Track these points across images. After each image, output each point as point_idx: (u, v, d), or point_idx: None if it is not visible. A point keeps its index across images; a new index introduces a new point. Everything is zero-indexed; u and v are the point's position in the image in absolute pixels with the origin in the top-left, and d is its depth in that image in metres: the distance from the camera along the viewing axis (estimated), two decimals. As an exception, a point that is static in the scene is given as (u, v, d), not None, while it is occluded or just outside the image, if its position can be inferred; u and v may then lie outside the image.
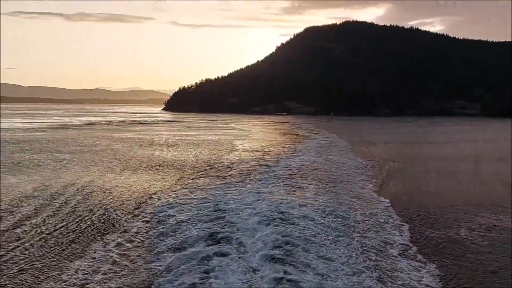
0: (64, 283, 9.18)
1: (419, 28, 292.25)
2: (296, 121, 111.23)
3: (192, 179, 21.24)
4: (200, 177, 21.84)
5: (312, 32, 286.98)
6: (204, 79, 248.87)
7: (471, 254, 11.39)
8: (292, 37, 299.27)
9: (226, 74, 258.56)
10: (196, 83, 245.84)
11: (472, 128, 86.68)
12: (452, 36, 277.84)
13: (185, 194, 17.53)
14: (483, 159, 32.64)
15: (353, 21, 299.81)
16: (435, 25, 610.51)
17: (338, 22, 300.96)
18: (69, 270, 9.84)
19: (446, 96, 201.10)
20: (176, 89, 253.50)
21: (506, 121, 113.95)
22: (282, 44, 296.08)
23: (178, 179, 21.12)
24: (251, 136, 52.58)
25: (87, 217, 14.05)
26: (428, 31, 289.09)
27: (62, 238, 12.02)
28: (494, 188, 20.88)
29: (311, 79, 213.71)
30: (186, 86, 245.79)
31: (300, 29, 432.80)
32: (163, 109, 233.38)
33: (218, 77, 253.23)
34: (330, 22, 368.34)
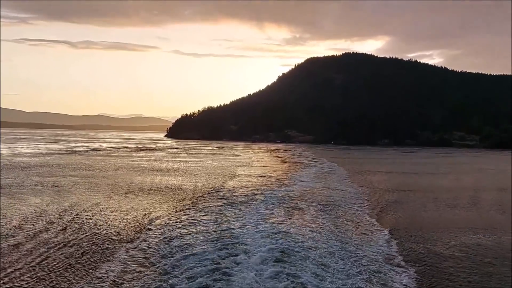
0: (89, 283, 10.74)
1: (418, 60, 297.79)
2: (297, 149, 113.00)
3: (197, 201, 22.76)
4: (204, 199, 23.38)
5: (313, 63, 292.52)
6: (206, 107, 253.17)
7: (449, 265, 13.09)
8: (293, 67, 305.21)
9: (228, 102, 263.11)
10: (199, 110, 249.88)
11: (474, 159, 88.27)
12: (450, 69, 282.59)
13: (190, 214, 19.05)
14: (480, 189, 34.07)
15: (353, 52, 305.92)
16: (434, 58, 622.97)
17: (339, 53, 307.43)
18: (93, 271, 11.38)
19: (445, 127, 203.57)
20: (178, 116, 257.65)
21: (505, 153, 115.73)
22: (284, 74, 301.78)
23: (183, 201, 22.62)
24: (252, 163, 54.19)
25: (103, 231, 15.59)
26: (427, 64, 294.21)
27: (84, 248, 13.58)
28: (485, 215, 22.33)
29: (311, 108, 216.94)
30: (189, 113, 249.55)
31: (301, 59, 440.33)
32: (165, 136, 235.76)
33: (220, 105, 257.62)
34: (330, 53, 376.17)
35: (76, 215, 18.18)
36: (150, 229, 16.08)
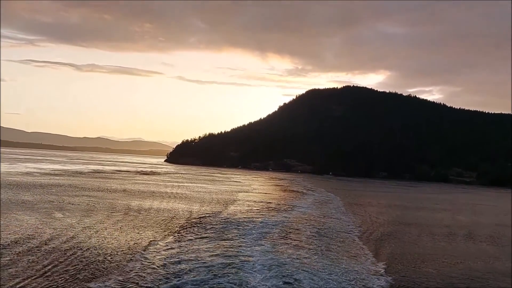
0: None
1: (417, 95, 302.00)
2: (295, 178, 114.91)
3: (199, 221, 24.89)
4: (207, 220, 25.54)
5: (313, 94, 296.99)
6: (207, 133, 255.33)
7: (422, 276, 15.56)
8: (294, 97, 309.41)
9: (229, 130, 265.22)
10: (199, 136, 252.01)
11: (472, 196, 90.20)
12: (449, 106, 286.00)
13: (194, 232, 21.23)
14: (476, 223, 36.12)
15: (353, 86, 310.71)
16: (433, 94, 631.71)
17: (339, 85, 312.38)
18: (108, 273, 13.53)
19: (443, 162, 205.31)
20: (177, 141, 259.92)
21: (501, 190, 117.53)
22: (285, 103, 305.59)
23: (188, 221, 24.82)
24: (252, 190, 56.24)
25: (117, 241, 17.84)
26: (426, 99, 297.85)
27: (98, 254, 15.80)
28: (475, 244, 24.46)
29: (311, 139, 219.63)
30: (189, 139, 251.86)
31: (302, 90, 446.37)
32: (165, 161, 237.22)
33: (221, 132, 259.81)
34: (331, 85, 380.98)
35: (93, 228, 20.42)
36: (157, 242, 18.37)
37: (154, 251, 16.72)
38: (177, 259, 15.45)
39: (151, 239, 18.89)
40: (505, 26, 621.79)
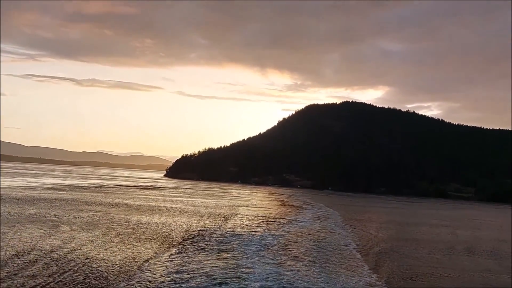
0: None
1: (416, 111, 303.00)
2: (295, 193, 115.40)
3: (201, 235, 25.60)
4: (208, 233, 26.28)
5: (313, 109, 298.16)
6: (206, 148, 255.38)
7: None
8: (293, 112, 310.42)
9: (228, 144, 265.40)
10: (199, 151, 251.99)
11: (470, 212, 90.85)
12: (447, 121, 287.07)
13: (197, 246, 21.97)
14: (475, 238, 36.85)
15: (352, 101, 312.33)
16: (432, 109, 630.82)
17: (338, 101, 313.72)
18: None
19: (441, 178, 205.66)
20: (176, 155, 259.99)
21: (499, 206, 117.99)
22: (284, 118, 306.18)
23: (189, 232, 25.56)
24: (252, 205, 56.87)
25: (126, 248, 18.51)
26: (425, 115, 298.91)
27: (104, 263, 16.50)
28: (469, 260, 25.13)
29: (310, 154, 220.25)
30: (189, 153, 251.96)
31: (301, 105, 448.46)
32: (164, 175, 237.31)
33: (220, 146, 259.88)
34: (330, 100, 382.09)
35: (99, 240, 21.17)
36: (161, 254, 19.21)
37: (157, 262, 17.52)
38: (180, 269, 16.30)
39: (155, 251, 19.63)
40: (504, 42, 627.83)
